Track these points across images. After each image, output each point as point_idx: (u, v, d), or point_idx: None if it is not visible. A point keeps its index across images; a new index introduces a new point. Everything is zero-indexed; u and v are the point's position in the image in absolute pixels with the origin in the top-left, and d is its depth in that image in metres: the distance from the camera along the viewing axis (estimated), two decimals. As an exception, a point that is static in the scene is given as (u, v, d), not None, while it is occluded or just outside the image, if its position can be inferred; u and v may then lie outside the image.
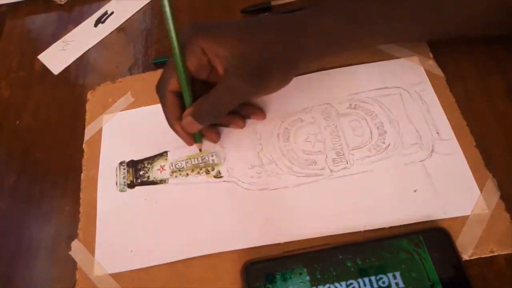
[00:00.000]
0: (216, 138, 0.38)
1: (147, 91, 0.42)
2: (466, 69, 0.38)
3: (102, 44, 0.49)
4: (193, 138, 0.36)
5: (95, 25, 0.50)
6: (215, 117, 0.35)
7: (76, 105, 0.44)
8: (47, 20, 0.52)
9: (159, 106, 0.41)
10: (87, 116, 0.42)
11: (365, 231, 0.32)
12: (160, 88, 0.35)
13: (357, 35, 0.35)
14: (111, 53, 0.48)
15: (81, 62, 0.48)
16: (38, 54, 0.49)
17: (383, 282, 0.29)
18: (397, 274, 0.29)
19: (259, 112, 0.38)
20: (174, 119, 0.35)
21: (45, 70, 0.48)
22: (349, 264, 0.29)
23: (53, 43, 0.50)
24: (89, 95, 0.44)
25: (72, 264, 0.35)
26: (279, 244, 0.32)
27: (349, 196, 0.34)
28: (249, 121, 0.39)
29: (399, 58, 0.40)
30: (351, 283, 0.29)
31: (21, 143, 0.43)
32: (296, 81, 0.40)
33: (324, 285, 0.29)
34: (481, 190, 0.33)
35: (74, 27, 0.51)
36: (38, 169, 0.41)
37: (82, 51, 0.48)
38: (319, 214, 0.33)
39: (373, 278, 0.29)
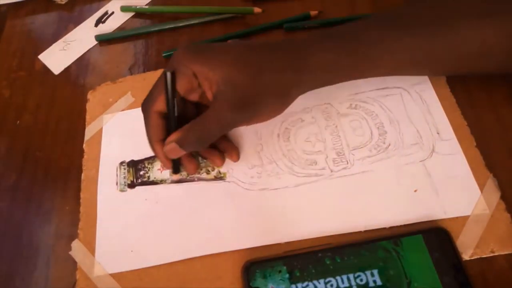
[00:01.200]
0: (194, 169, 0.36)
1: (148, 91, 0.42)
2: (466, 69, 0.38)
3: (102, 44, 0.49)
4: (172, 166, 0.35)
5: (96, 25, 0.50)
6: (200, 145, 0.33)
7: (76, 105, 0.44)
8: (47, 20, 0.52)
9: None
10: (87, 116, 0.42)
11: (365, 231, 0.32)
12: (145, 107, 0.34)
13: (358, 68, 0.33)
14: (111, 53, 0.48)
15: (82, 62, 0.48)
16: (39, 54, 0.49)
17: (361, 280, 0.29)
18: (375, 272, 0.29)
19: (234, 152, 0.36)
20: (155, 140, 0.34)
21: (46, 70, 0.48)
22: (328, 262, 0.30)
23: (53, 43, 0.50)
24: (89, 95, 0.44)
25: (72, 264, 0.35)
26: (279, 244, 0.32)
27: (350, 196, 0.34)
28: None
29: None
30: (329, 281, 0.29)
31: (21, 142, 0.43)
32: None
33: (303, 282, 0.29)
34: (481, 190, 0.33)
35: (75, 27, 0.51)
36: (38, 168, 0.41)
37: (83, 51, 0.48)
38: (320, 214, 0.33)
39: (351, 275, 0.29)
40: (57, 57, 0.48)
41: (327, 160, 0.35)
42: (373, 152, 0.35)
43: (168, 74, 0.32)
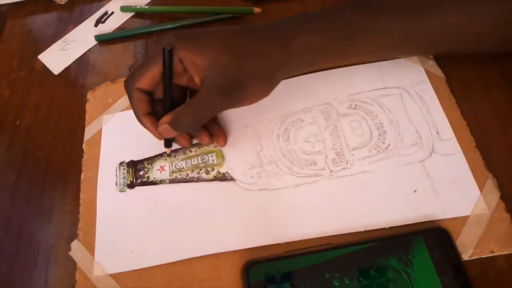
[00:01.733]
0: (187, 143, 0.37)
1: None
2: (466, 69, 0.38)
3: (102, 44, 0.49)
4: (164, 141, 0.37)
5: (96, 25, 0.50)
6: (191, 127, 0.35)
7: (76, 105, 0.44)
8: (47, 20, 0.52)
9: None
10: (87, 116, 0.42)
11: (365, 231, 0.32)
12: (128, 84, 0.35)
13: (342, 51, 0.34)
14: (111, 53, 0.48)
15: (81, 62, 0.48)
16: (39, 54, 0.49)
17: None
18: None
19: (220, 137, 0.37)
20: (141, 113, 0.35)
21: (46, 70, 0.48)
22: (336, 284, 0.29)
23: (53, 43, 0.50)
24: (89, 95, 0.44)
25: (72, 264, 0.35)
26: (279, 244, 0.32)
27: (349, 196, 0.34)
28: (249, 122, 0.39)
29: (399, 58, 0.40)
30: None
31: (21, 143, 0.43)
32: (296, 81, 0.40)
33: None
34: (481, 190, 0.33)
35: (75, 27, 0.51)
36: (38, 169, 0.41)
37: (83, 51, 0.48)
38: (319, 214, 0.33)
39: None
40: (57, 57, 0.48)
41: (326, 160, 0.35)
42: (373, 152, 0.35)
43: (167, 50, 0.32)
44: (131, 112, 0.41)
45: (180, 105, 0.34)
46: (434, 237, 0.30)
